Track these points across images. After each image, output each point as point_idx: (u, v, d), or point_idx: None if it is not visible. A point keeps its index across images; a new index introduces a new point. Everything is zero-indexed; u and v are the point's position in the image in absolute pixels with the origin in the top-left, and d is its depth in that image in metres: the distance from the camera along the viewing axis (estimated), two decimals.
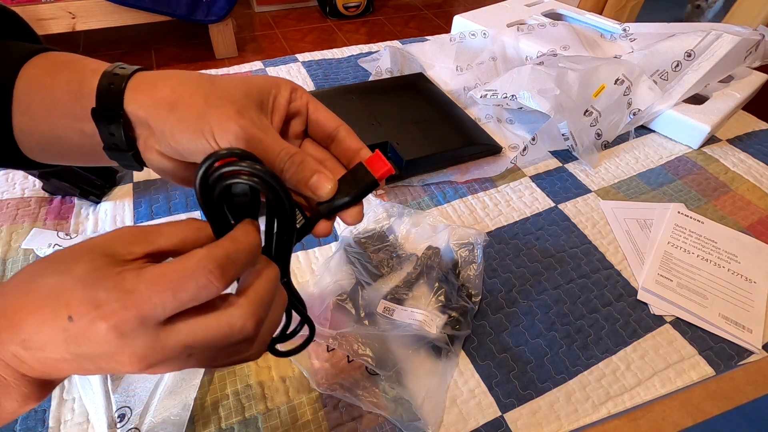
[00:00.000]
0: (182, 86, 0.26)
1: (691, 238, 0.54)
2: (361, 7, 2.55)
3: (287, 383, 0.40)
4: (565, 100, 0.64)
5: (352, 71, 0.83)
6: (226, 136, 0.24)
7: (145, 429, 0.36)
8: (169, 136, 0.25)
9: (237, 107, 0.25)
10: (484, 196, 0.59)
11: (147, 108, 0.25)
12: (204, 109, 0.25)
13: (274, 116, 0.28)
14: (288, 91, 0.28)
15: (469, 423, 0.38)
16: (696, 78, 0.68)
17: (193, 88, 0.26)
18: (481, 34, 0.85)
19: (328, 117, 0.30)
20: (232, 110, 0.25)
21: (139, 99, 0.26)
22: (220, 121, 0.24)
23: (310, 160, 0.26)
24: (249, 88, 0.27)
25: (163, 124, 0.25)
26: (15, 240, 0.49)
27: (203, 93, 0.25)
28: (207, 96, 0.25)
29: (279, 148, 0.25)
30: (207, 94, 0.25)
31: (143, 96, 0.26)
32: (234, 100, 0.25)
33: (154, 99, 0.25)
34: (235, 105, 0.25)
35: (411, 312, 0.43)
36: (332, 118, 0.30)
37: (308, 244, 0.52)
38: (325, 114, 0.30)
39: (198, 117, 0.25)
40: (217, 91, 0.26)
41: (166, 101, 0.25)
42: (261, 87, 0.27)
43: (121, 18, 1.79)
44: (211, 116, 0.24)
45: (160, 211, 0.54)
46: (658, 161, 0.66)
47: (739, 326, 0.46)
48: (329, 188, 0.26)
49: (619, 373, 0.42)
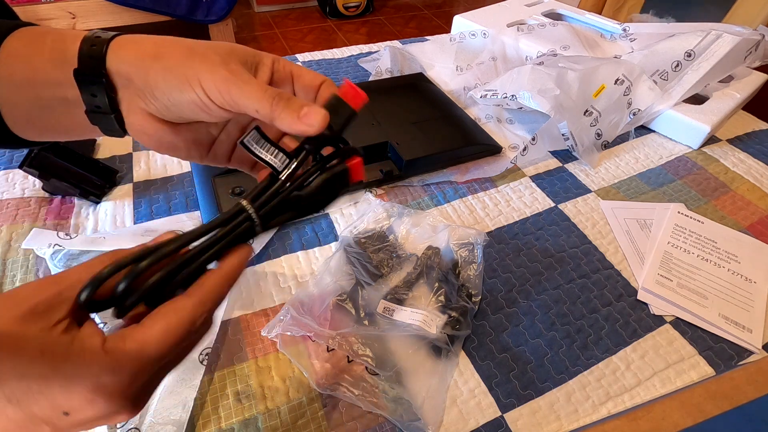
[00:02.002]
0: (165, 42, 0.26)
1: (691, 238, 0.54)
2: (361, 7, 2.55)
3: (287, 383, 0.40)
4: (565, 100, 0.64)
5: (352, 71, 0.83)
6: (214, 81, 0.24)
7: (145, 429, 0.36)
8: (155, 87, 0.25)
9: (221, 58, 0.25)
10: (484, 196, 0.59)
11: (130, 62, 0.25)
12: (189, 59, 0.25)
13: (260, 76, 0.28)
14: (270, 60, 0.29)
15: (469, 423, 0.38)
16: (696, 78, 0.68)
17: (176, 43, 0.26)
18: (481, 34, 0.85)
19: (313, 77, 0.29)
20: (217, 59, 0.25)
21: (122, 55, 0.26)
22: (207, 67, 0.24)
23: (296, 97, 0.26)
24: (232, 48, 0.27)
25: (148, 73, 0.25)
26: (15, 240, 0.49)
27: (187, 46, 0.26)
28: (191, 48, 0.26)
29: (265, 88, 0.25)
30: (191, 47, 0.26)
31: (126, 52, 0.26)
32: (218, 53, 0.26)
33: (138, 52, 0.26)
34: (219, 56, 0.25)
35: (411, 312, 0.43)
36: (316, 76, 0.29)
37: (308, 244, 0.52)
38: (309, 75, 0.29)
39: (184, 65, 0.25)
40: (201, 46, 0.26)
41: (150, 52, 0.25)
42: (244, 51, 0.27)
43: (121, 18, 1.79)
44: (197, 64, 0.25)
45: (160, 211, 0.54)
46: (658, 161, 0.66)
47: (739, 326, 0.46)
48: (321, 116, 0.25)
49: (619, 373, 0.42)
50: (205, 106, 0.25)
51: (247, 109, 0.25)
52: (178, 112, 0.26)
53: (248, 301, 0.46)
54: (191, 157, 0.30)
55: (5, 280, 0.46)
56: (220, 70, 0.24)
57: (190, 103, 0.25)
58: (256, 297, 0.46)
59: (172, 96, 0.25)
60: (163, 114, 0.27)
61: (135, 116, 0.27)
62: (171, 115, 0.27)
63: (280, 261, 0.50)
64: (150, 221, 0.53)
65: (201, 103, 0.25)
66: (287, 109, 0.25)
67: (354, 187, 0.57)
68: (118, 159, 0.60)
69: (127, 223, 0.52)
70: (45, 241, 0.46)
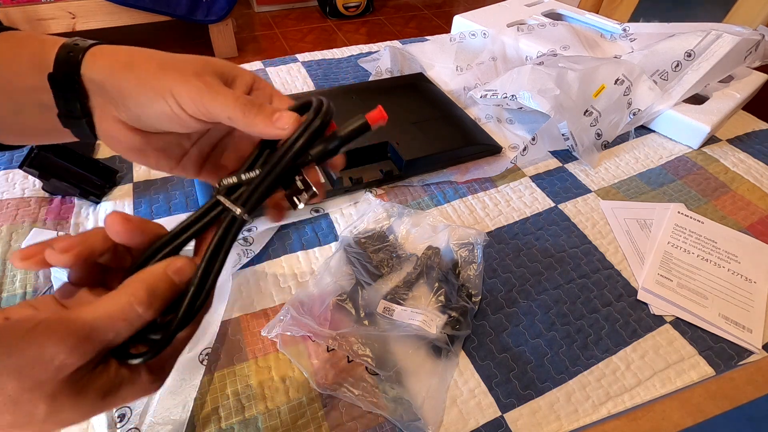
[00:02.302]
0: (140, 53, 0.26)
1: (691, 238, 0.54)
2: (361, 7, 2.55)
3: (287, 383, 0.40)
4: (565, 100, 0.64)
5: (352, 71, 0.83)
6: (187, 93, 0.24)
7: (145, 429, 0.36)
8: (127, 96, 0.25)
9: (194, 70, 0.26)
10: (484, 196, 0.59)
11: (104, 71, 0.26)
12: (162, 71, 0.25)
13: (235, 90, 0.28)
14: (250, 79, 0.29)
15: (469, 423, 0.38)
16: (696, 78, 0.68)
17: (151, 55, 0.26)
18: (481, 34, 0.85)
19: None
20: (190, 71, 0.25)
21: (96, 63, 0.26)
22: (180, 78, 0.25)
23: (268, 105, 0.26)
24: (208, 61, 0.27)
25: (120, 83, 0.25)
26: (15, 240, 0.49)
27: (161, 58, 0.26)
28: (164, 60, 0.26)
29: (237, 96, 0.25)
30: (164, 59, 0.26)
31: (101, 61, 0.26)
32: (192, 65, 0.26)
33: (112, 61, 0.26)
34: (192, 68, 0.26)
35: (411, 312, 0.43)
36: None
37: (308, 244, 0.52)
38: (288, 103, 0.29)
39: (156, 77, 0.25)
40: (175, 59, 0.26)
41: (124, 62, 0.26)
42: (222, 65, 0.28)
43: (121, 18, 1.79)
44: (169, 76, 0.25)
45: (160, 211, 0.54)
46: (658, 161, 0.66)
47: (739, 326, 0.46)
48: (293, 119, 0.25)
49: (619, 373, 0.42)
50: (176, 116, 0.26)
51: (219, 116, 0.25)
52: (149, 122, 0.27)
53: (248, 301, 0.46)
54: (160, 166, 0.30)
55: (5, 280, 0.46)
56: (192, 81, 0.25)
57: (161, 113, 0.25)
58: (256, 297, 0.46)
59: (144, 106, 0.25)
60: (135, 123, 0.27)
61: (107, 123, 0.27)
62: (143, 124, 0.27)
63: (280, 261, 0.50)
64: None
65: (173, 113, 0.25)
66: (260, 115, 0.25)
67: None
68: (118, 159, 0.60)
69: None
70: None
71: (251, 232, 0.50)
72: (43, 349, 0.17)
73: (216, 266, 0.24)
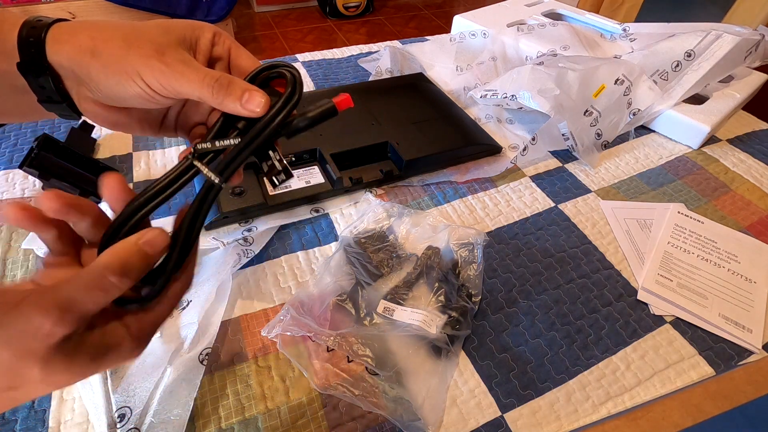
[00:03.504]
0: (101, 32, 0.26)
1: (691, 238, 0.54)
2: (361, 7, 2.55)
3: (287, 383, 0.40)
4: (565, 100, 0.64)
5: (352, 71, 0.83)
6: (152, 74, 0.25)
7: (145, 429, 0.36)
8: (98, 82, 0.26)
9: (156, 46, 0.25)
10: (484, 196, 0.59)
11: (69, 57, 0.26)
12: (125, 52, 0.25)
13: (198, 57, 0.28)
14: (211, 34, 0.29)
15: (469, 423, 0.38)
16: (696, 78, 0.68)
17: (112, 31, 0.26)
18: (481, 34, 0.85)
19: (249, 62, 0.30)
20: (151, 50, 0.25)
21: (61, 49, 0.26)
22: (143, 60, 0.25)
23: (237, 80, 0.26)
24: (168, 28, 0.27)
25: (88, 70, 0.26)
26: (15, 240, 0.49)
27: (122, 35, 0.26)
28: (126, 38, 0.26)
29: (203, 75, 0.26)
30: (126, 36, 0.26)
31: (64, 45, 0.26)
32: (153, 40, 0.26)
33: (75, 47, 0.26)
34: (154, 44, 0.26)
35: (411, 312, 0.43)
36: (254, 62, 0.30)
37: (308, 244, 0.52)
38: (246, 60, 0.30)
39: (120, 60, 0.25)
40: (136, 33, 0.26)
41: (87, 48, 0.25)
42: (182, 28, 0.28)
43: (121, 18, 1.79)
44: (133, 58, 0.25)
45: (160, 210, 0.53)
46: (658, 161, 0.66)
47: (739, 326, 0.46)
48: (262, 101, 0.26)
49: (619, 373, 0.42)
50: (149, 96, 0.26)
51: (190, 96, 0.26)
52: (124, 102, 0.27)
53: (248, 301, 0.46)
54: (144, 133, 0.31)
55: (5, 280, 0.46)
56: (156, 63, 0.25)
57: (134, 94, 0.26)
58: (256, 297, 0.46)
59: (115, 89, 0.26)
60: (112, 102, 0.27)
61: (86, 103, 0.27)
62: (119, 103, 0.27)
63: (280, 261, 0.50)
64: (150, 222, 0.53)
65: (145, 94, 0.26)
66: (229, 96, 0.26)
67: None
68: (118, 159, 0.60)
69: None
70: None
71: (251, 232, 0.50)
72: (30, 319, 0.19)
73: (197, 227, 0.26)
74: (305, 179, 0.56)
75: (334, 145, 0.58)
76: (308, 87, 0.78)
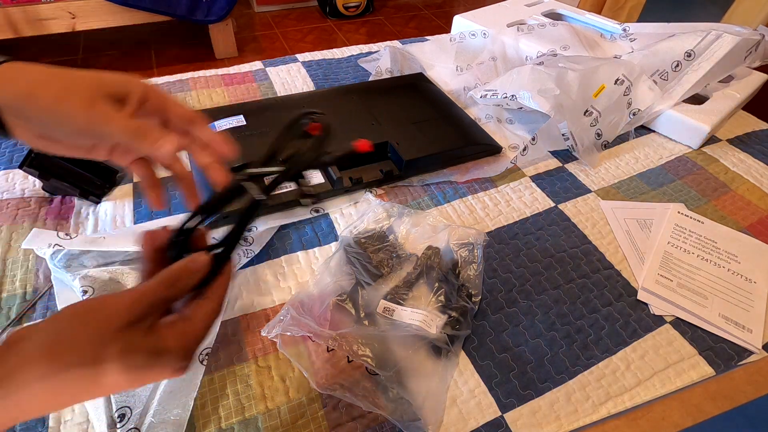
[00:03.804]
0: (37, 80, 0.29)
1: (691, 238, 0.54)
2: (361, 7, 2.54)
3: (287, 383, 0.40)
4: (565, 100, 0.64)
5: (352, 71, 0.83)
6: (83, 121, 0.29)
7: (145, 429, 0.36)
8: (35, 121, 0.29)
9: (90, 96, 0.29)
10: (484, 196, 0.59)
11: (9, 97, 0.29)
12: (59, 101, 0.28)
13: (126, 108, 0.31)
14: (141, 90, 0.31)
15: (469, 423, 0.38)
16: (696, 78, 0.68)
17: (48, 80, 0.29)
18: (481, 34, 0.85)
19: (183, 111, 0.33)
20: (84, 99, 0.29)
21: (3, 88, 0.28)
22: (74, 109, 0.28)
23: (155, 129, 0.30)
24: (102, 81, 0.30)
25: (27, 111, 0.29)
26: (15, 240, 0.49)
27: (58, 84, 0.29)
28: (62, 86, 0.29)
29: (124, 124, 0.29)
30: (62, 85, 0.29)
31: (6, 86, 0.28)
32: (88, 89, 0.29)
33: (14, 90, 0.29)
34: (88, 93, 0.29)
35: (411, 312, 0.43)
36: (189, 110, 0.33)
37: (308, 244, 0.52)
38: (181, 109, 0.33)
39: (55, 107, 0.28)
40: (72, 83, 0.29)
41: (25, 92, 0.28)
42: (115, 83, 0.30)
43: (121, 18, 1.79)
44: (66, 106, 0.28)
45: (160, 211, 0.54)
46: (658, 161, 0.66)
47: (739, 326, 0.46)
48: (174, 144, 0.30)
49: (619, 373, 0.42)
50: (81, 134, 0.30)
51: (113, 140, 0.31)
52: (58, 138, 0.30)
53: (248, 301, 0.46)
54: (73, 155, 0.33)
55: (5, 279, 0.46)
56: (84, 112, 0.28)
57: (68, 133, 0.30)
58: (256, 297, 0.46)
59: (51, 128, 0.29)
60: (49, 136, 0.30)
61: (20, 131, 0.30)
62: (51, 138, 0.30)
63: (280, 261, 0.50)
64: (150, 221, 0.53)
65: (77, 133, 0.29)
66: (145, 142, 0.30)
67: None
68: None
69: (127, 223, 0.52)
70: (45, 242, 0.46)
71: (251, 232, 0.50)
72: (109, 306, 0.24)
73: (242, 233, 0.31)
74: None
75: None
76: (308, 87, 0.78)
